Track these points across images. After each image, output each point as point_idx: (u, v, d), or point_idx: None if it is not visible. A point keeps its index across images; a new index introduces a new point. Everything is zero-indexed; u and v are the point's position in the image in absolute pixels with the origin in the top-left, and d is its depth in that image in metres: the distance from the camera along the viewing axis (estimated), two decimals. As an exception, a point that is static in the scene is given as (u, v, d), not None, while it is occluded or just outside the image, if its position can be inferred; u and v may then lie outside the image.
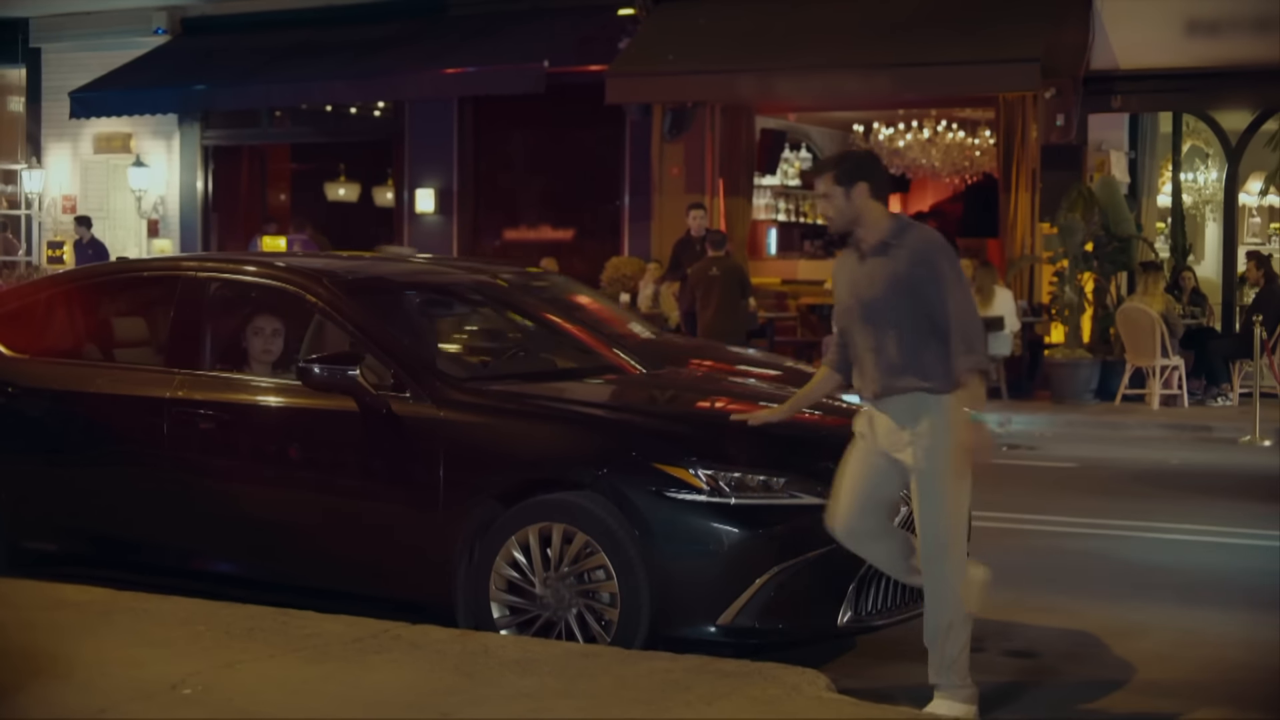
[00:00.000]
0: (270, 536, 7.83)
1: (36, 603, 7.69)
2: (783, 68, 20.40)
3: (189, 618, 7.36)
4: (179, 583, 7.99)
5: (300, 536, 7.75)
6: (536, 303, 9.88)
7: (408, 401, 7.48)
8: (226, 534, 7.97)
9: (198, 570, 8.07)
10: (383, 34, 22.97)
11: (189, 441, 8.02)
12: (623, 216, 22.67)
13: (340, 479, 7.70)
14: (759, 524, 6.93)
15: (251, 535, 7.88)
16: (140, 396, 8.20)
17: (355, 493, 7.65)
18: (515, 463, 7.30)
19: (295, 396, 7.80)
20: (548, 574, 7.08)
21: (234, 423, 8.00)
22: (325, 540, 7.68)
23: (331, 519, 7.66)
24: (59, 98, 25.19)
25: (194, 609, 7.53)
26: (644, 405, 8.09)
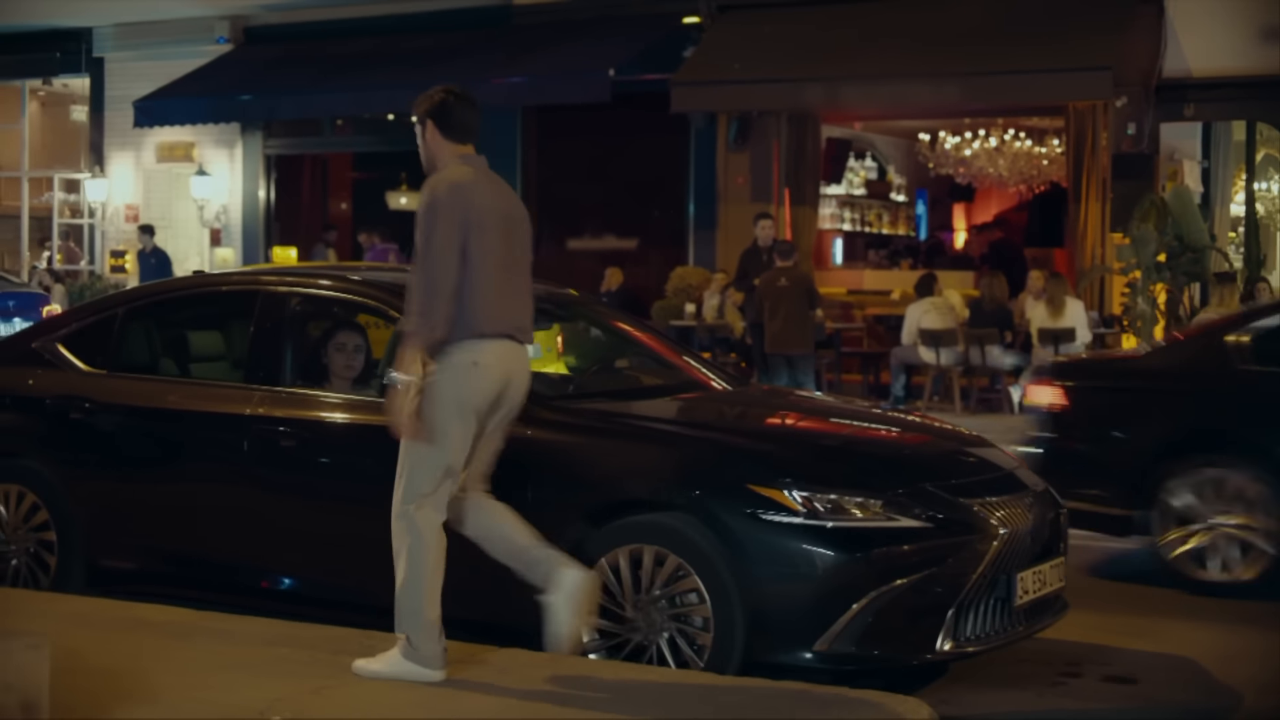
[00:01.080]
0: (350, 556, 7.68)
1: (116, 623, 7.58)
2: (849, 76, 20.21)
3: (272, 639, 7.24)
4: (258, 602, 7.87)
5: (382, 556, 7.56)
6: (615, 315, 9.72)
7: (495, 420, 7.33)
8: (306, 553, 7.85)
9: (277, 590, 7.94)
10: (447, 43, 22.86)
11: (268, 459, 7.90)
12: (687, 226, 22.49)
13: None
14: (855, 547, 6.74)
15: (331, 554, 7.76)
16: (219, 413, 8.08)
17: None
18: (605, 483, 7.13)
19: (376, 414, 7.64)
20: (638, 597, 6.92)
21: (313, 440, 7.88)
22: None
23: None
24: (122, 107, 25.19)
25: (277, 630, 7.41)
26: (736, 424, 7.93)
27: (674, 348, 9.20)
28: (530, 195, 23.54)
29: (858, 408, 9.11)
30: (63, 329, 8.83)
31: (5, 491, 8.52)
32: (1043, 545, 7.37)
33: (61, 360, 8.67)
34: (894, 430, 8.21)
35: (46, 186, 28.54)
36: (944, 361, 18.51)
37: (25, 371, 8.75)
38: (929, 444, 7.96)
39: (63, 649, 6.82)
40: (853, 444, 7.76)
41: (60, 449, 8.42)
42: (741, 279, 19.01)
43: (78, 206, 28.12)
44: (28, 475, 8.49)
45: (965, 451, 7.86)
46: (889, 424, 8.39)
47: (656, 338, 9.34)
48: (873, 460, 7.41)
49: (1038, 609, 7.36)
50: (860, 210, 25.96)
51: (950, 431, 8.53)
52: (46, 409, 8.57)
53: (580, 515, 7.09)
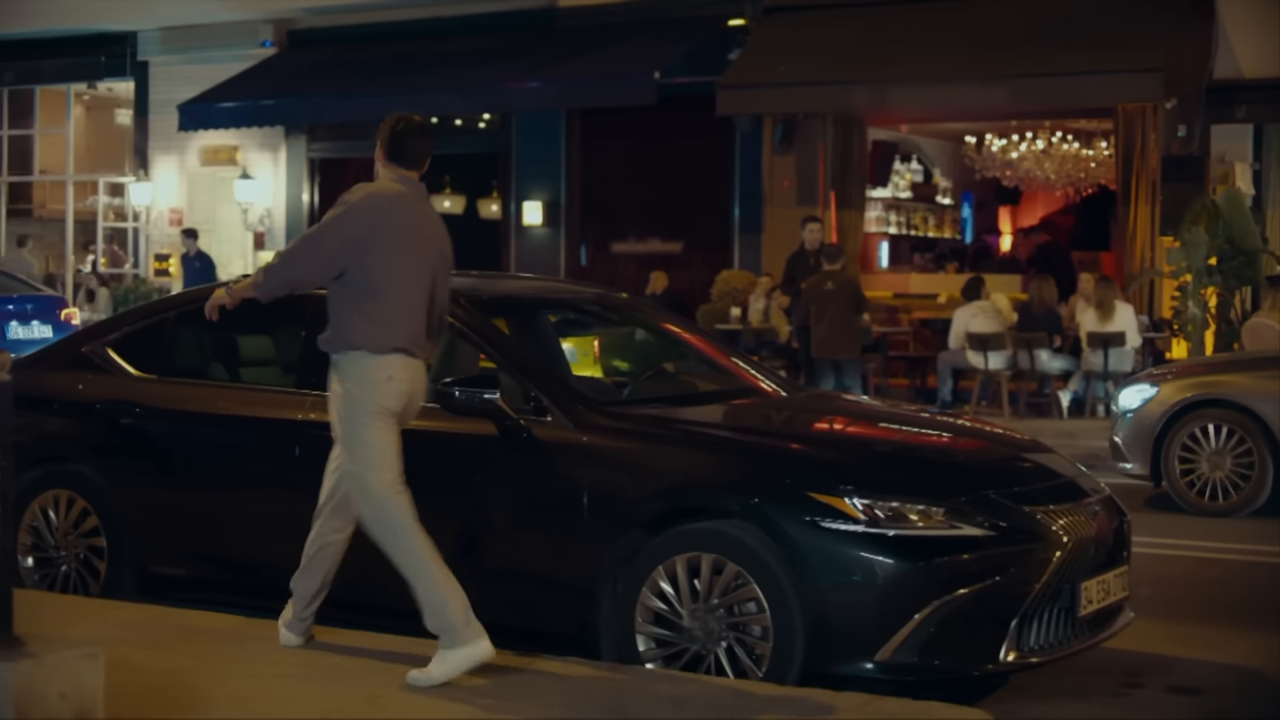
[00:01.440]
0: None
1: (167, 630, 7.52)
2: (896, 78, 20.10)
3: (327, 647, 7.16)
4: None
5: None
6: (667, 318, 9.62)
7: (549, 426, 7.24)
8: (359, 561, 7.74)
9: (330, 598, 7.84)
10: (490, 46, 22.81)
11: (321, 465, 7.79)
12: (732, 229, 22.39)
13: (477, 505, 7.44)
14: (918, 556, 6.63)
15: (384, 562, 7.63)
16: (270, 418, 8.00)
17: (492, 520, 7.40)
18: (662, 490, 7.03)
19: (430, 420, 7.56)
20: (696, 606, 6.81)
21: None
22: (461, 569, 7.42)
23: (467, 547, 7.41)
24: (166, 111, 25.21)
25: (331, 637, 7.33)
26: (794, 430, 7.82)
27: (726, 351, 9.10)
28: (574, 198, 23.52)
29: (911, 412, 9.01)
30: (112, 333, 8.76)
31: (55, 497, 8.47)
32: (1106, 554, 7.25)
33: (111, 365, 8.61)
34: (950, 436, 8.10)
35: (91, 190, 28.59)
36: (992, 366, 18.37)
37: (75, 376, 8.69)
38: (987, 449, 7.85)
39: (114, 657, 6.74)
40: (912, 450, 7.66)
41: (110, 454, 8.36)
42: (788, 283, 18.90)
43: (122, 210, 28.18)
44: (78, 480, 8.44)
45: (1023, 457, 7.74)
46: (943, 429, 8.27)
47: (708, 341, 9.25)
48: (934, 467, 7.30)
49: (1101, 618, 7.24)
50: (906, 213, 25.82)
51: (1004, 436, 8.41)
52: (96, 414, 8.51)
53: (636, 523, 6.99)
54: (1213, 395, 13.10)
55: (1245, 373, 13.32)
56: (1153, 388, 13.39)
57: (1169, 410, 13.13)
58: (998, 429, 8.77)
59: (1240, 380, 13.15)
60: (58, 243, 28.87)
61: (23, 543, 8.52)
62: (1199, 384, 13.28)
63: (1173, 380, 13.44)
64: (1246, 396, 12.93)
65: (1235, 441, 12.86)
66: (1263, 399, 12.84)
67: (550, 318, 8.97)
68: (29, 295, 19.55)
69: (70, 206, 28.64)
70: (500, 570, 7.31)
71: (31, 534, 8.52)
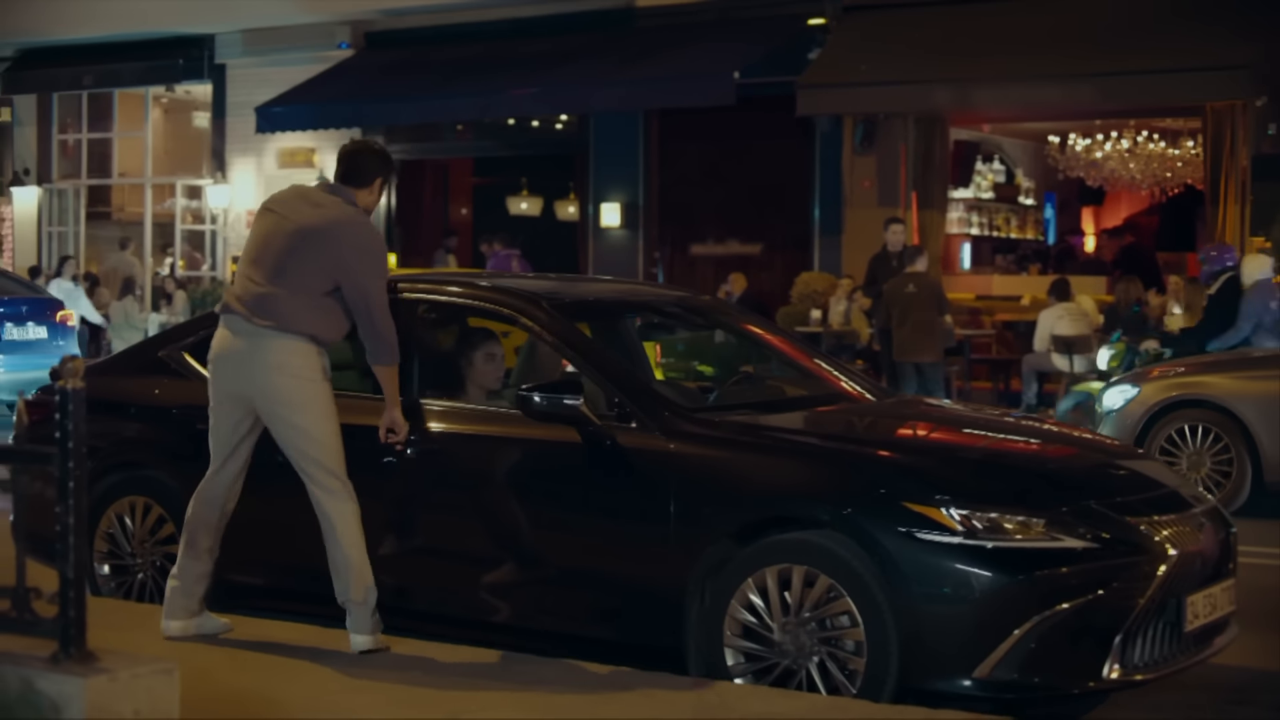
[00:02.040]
0: (483, 575, 7.41)
1: (244, 641, 7.37)
2: (979, 77, 19.80)
3: (403, 661, 7.00)
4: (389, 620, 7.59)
5: (516, 575, 7.32)
6: (752, 321, 9.40)
7: (635, 433, 7.04)
8: (438, 571, 7.57)
9: (407, 609, 7.67)
10: (568, 46, 22.65)
11: (400, 472, 7.64)
12: (812, 231, 22.13)
13: (559, 514, 7.25)
14: (1017, 569, 6.39)
15: (463, 573, 7.45)
16: (352, 425, 7.81)
17: (575, 530, 7.20)
18: (752, 499, 6.82)
19: (511, 426, 7.39)
20: (787, 619, 6.60)
21: (445, 454, 7.59)
22: (543, 579, 7.25)
23: (549, 557, 7.24)
24: (244, 113, 25.19)
25: (410, 649, 7.18)
26: (887, 437, 7.58)
27: (813, 355, 8.86)
28: (652, 200, 23.33)
29: (998, 417, 8.77)
30: (189, 337, 8.61)
31: (131, 504, 8.35)
32: (1213, 566, 6.99)
33: (187, 369, 8.45)
34: (1041, 442, 7.84)
35: (169, 193, 28.64)
36: (1078, 368, 18.03)
37: (151, 381, 8.56)
38: (1082, 456, 7.61)
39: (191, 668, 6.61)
40: (1007, 458, 7.41)
41: (186, 460, 8.16)
42: (870, 284, 18.65)
43: (200, 213, 28.21)
44: (154, 487, 8.30)
45: (1120, 464, 7.50)
46: (1033, 435, 8.02)
47: (794, 344, 9.02)
48: (1031, 475, 7.06)
49: (1207, 634, 6.97)
50: (988, 214, 25.49)
51: (1095, 441, 8.20)
52: (173, 419, 8.37)
53: (725, 533, 6.78)
54: (1193, 396, 13.30)
55: (1226, 374, 13.50)
56: (1134, 388, 13.59)
57: (1150, 410, 13.30)
58: (1086, 434, 8.55)
59: (1220, 381, 13.33)
60: (136, 246, 28.91)
61: (99, 550, 8.42)
62: (1180, 384, 13.46)
63: (1154, 380, 13.63)
64: (1226, 397, 13.12)
65: (1213, 441, 13.01)
66: (1242, 400, 13.03)
67: (633, 321, 8.78)
68: (23, 297, 19.72)
69: (148, 209, 28.69)
70: (583, 581, 7.12)
71: (107, 541, 8.40)
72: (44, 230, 29.64)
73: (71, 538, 5.10)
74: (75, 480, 5.10)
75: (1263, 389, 13.05)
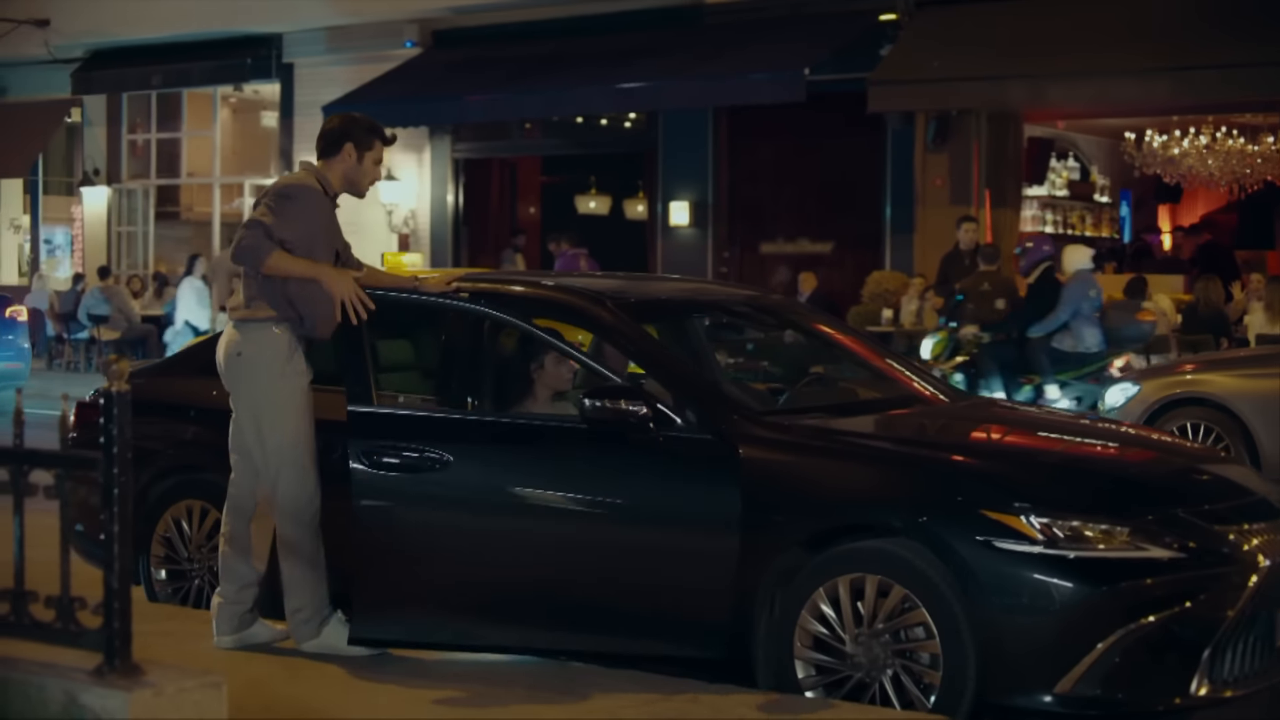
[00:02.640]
0: (541, 586, 7.04)
1: (300, 651, 7.18)
2: (1053, 73, 19.47)
3: (464, 674, 6.82)
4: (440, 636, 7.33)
5: (577, 586, 6.98)
6: (823, 321, 9.13)
7: (701, 437, 6.79)
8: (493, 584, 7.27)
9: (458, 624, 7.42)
10: (636, 43, 22.44)
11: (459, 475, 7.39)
12: (884, 229, 21.83)
13: (623, 523, 6.93)
14: (1101, 580, 6.13)
15: (519, 585, 7.15)
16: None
17: (639, 538, 6.87)
18: (823, 506, 6.58)
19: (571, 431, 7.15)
20: (859, 630, 6.36)
21: (502, 458, 7.30)
22: (606, 589, 6.97)
23: (612, 566, 6.92)
24: (311, 112, 25.08)
25: (469, 664, 6.97)
26: (963, 442, 7.31)
27: (885, 355, 8.59)
28: (721, 198, 23.11)
29: (1075, 420, 8.49)
30: (247, 338, 8.43)
31: (188, 507, 8.19)
32: (1307, 577, 6.69)
33: (246, 370, 8.28)
34: (1121, 446, 7.58)
35: (237, 192, 28.62)
36: (1156, 369, 17.69)
37: (208, 382, 8.35)
38: (1164, 461, 7.35)
39: (244, 678, 6.46)
40: (1091, 463, 7.14)
41: (243, 464, 8.03)
42: (942, 283, 18.36)
43: (268, 212, 28.09)
44: (211, 491, 8.10)
45: (1204, 469, 7.22)
46: (1112, 438, 7.75)
47: (866, 345, 8.74)
48: (1114, 482, 6.78)
49: (1300, 649, 6.70)
50: (1063, 212, 25.10)
51: (1177, 445, 7.94)
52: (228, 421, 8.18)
53: (796, 540, 6.54)
54: (1193, 394, 13.44)
55: (1225, 371, 13.66)
56: (1135, 386, 13.75)
57: (1149, 408, 13.43)
58: (1166, 437, 8.28)
59: (1220, 379, 13.48)
60: (205, 245, 28.91)
61: (155, 555, 8.27)
62: (1180, 382, 13.62)
63: (1155, 378, 13.81)
64: (1225, 395, 13.25)
65: (1213, 439, 13.11)
66: (1241, 398, 13.17)
67: (701, 321, 8.54)
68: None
69: (217, 209, 28.68)
70: (649, 591, 6.85)
71: (164, 545, 8.25)
72: (113, 230, 29.71)
73: (117, 546, 4.92)
74: (121, 487, 4.91)
75: (1262, 387, 13.18)
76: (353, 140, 7.41)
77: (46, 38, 27.93)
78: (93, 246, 29.69)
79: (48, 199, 31.89)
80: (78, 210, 30.26)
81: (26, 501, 5.12)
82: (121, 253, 29.66)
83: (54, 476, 5.05)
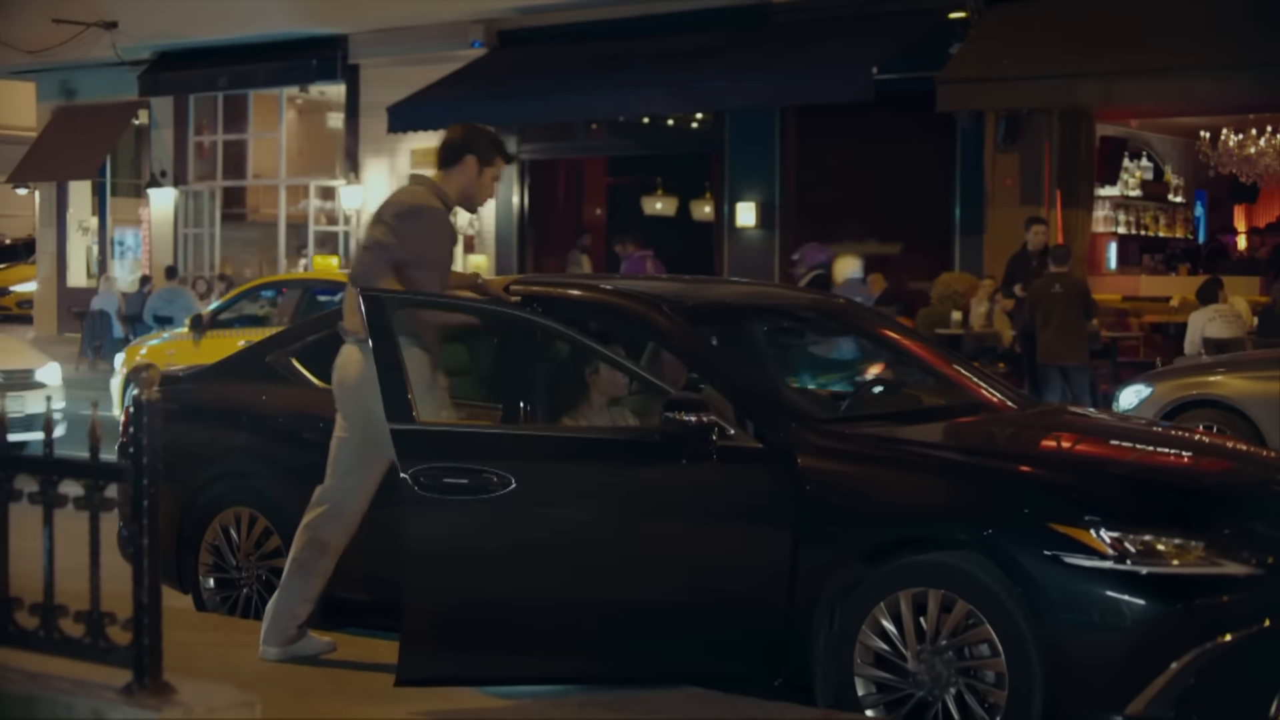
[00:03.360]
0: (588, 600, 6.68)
1: (348, 661, 7.01)
2: (1126, 71, 19.10)
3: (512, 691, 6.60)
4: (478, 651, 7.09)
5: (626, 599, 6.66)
6: (887, 325, 8.89)
7: (760, 446, 6.56)
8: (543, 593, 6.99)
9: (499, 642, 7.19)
10: (702, 43, 22.23)
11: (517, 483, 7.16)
12: (953, 230, 21.53)
13: (676, 534, 6.64)
14: (1175, 597, 5.87)
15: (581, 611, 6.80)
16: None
17: (693, 549, 6.60)
18: (884, 518, 6.34)
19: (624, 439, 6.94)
20: (922, 647, 6.12)
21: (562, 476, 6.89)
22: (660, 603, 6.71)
23: (666, 580, 6.62)
24: (377, 113, 25.03)
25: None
26: (1030, 451, 7.04)
27: (952, 361, 8.33)
28: (788, 199, 22.88)
29: (1146, 427, 8.20)
30: (296, 342, 8.28)
31: (236, 514, 8.02)
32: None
33: (295, 375, 8.13)
34: (1197, 455, 7.31)
35: (303, 194, 28.60)
36: (1232, 373, 17.33)
37: (258, 387, 8.23)
38: (1240, 470, 7.08)
39: (288, 690, 6.30)
40: (1164, 473, 6.88)
41: (292, 470, 7.82)
42: (1008, 285, 18.07)
43: (333, 214, 28.14)
44: (259, 498, 7.96)
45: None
46: (1186, 447, 7.48)
47: (932, 350, 8.49)
48: (1191, 493, 6.51)
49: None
50: (1135, 212, 24.74)
51: (1253, 454, 7.63)
52: (279, 427, 8.05)
53: (856, 553, 6.31)
54: (1204, 395, 13.46)
55: (1237, 373, 13.64)
56: (1148, 387, 13.76)
57: (1161, 410, 13.42)
58: (1242, 445, 7.99)
59: (1232, 381, 13.49)
60: (271, 247, 28.91)
61: (204, 563, 8.13)
62: (1192, 384, 13.64)
63: (1167, 380, 13.81)
64: (1236, 397, 13.24)
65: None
66: (1252, 400, 13.17)
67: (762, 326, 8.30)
68: None
69: (283, 211, 28.67)
70: (704, 604, 6.61)
71: (212, 553, 8.10)
72: (180, 232, 29.75)
73: (146, 560, 4.75)
74: (150, 499, 4.74)
75: (1273, 389, 13.15)
76: (475, 153, 7.17)
77: (114, 40, 28.01)
78: (159, 248, 29.75)
79: (116, 201, 31.98)
80: (145, 212, 30.33)
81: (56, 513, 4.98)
82: (188, 254, 29.69)
83: (83, 487, 4.90)
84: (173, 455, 8.30)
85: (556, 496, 6.73)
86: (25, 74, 31.77)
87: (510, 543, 6.64)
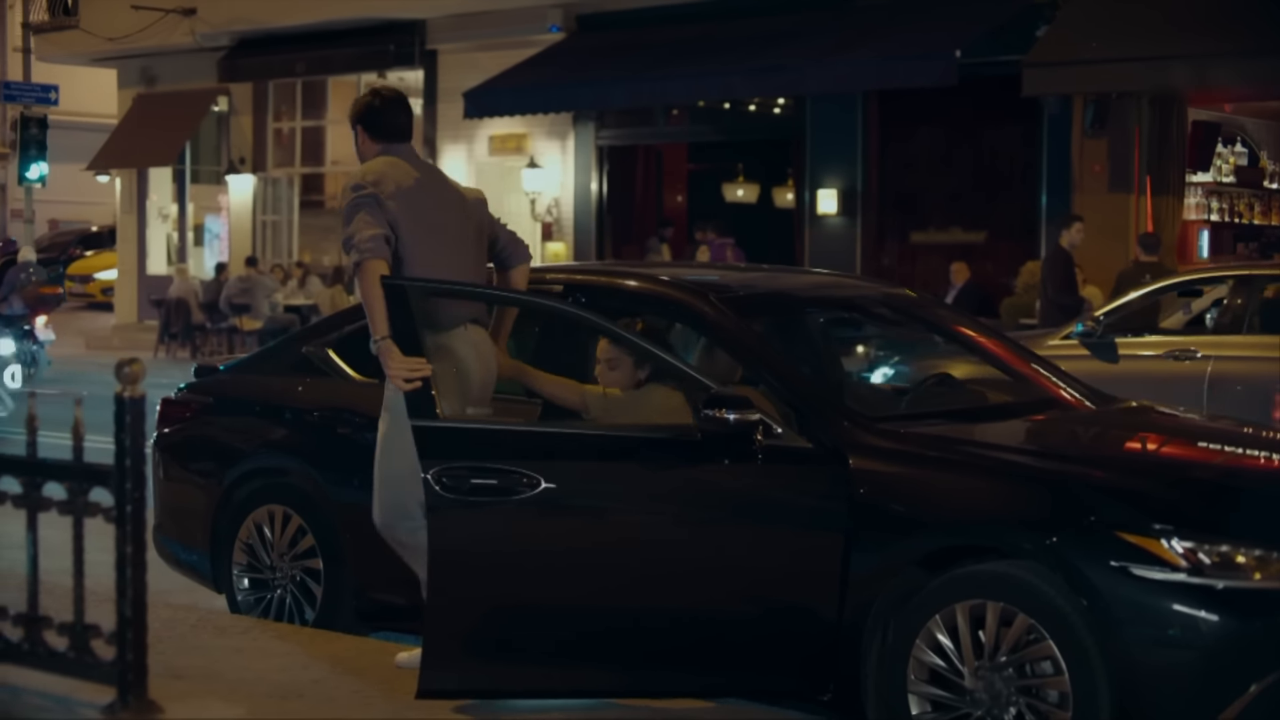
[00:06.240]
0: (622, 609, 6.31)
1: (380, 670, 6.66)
2: (1219, 53, 18.53)
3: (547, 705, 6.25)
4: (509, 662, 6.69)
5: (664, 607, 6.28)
6: (956, 319, 8.44)
7: (810, 446, 6.16)
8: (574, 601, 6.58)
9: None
10: (783, 26, 21.80)
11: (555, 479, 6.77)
12: (1039, 217, 20.99)
13: (721, 539, 6.25)
14: (1255, 613, 5.43)
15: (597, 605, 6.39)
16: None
17: (736, 555, 6.20)
18: (941, 523, 5.92)
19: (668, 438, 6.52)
20: (979, 663, 5.69)
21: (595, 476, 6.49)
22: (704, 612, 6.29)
23: (710, 586, 6.22)
24: (455, 99, 24.78)
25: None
26: (1100, 454, 6.60)
27: (1025, 356, 7.87)
28: (871, 186, 22.42)
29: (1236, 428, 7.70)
30: (333, 333, 7.92)
31: (270, 513, 7.69)
32: None
33: (332, 368, 7.77)
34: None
35: (381, 181, 28.33)
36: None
37: (293, 380, 7.90)
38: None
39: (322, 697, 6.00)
40: (1246, 478, 6.41)
41: (327, 467, 7.51)
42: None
43: (410, 201, 27.85)
44: (294, 495, 7.64)
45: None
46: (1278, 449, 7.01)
47: (1004, 345, 8.02)
48: (1274, 501, 6.04)
49: None
50: (1229, 199, 24.04)
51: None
52: (314, 422, 7.71)
53: (911, 560, 5.90)
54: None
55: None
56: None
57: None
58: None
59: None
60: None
61: (237, 563, 7.81)
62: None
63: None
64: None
65: None
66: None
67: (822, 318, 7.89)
68: None
69: (361, 198, 28.40)
70: (747, 614, 6.20)
71: (246, 553, 7.77)
72: (258, 219, 29.62)
73: (129, 570, 4.42)
74: (134, 503, 4.41)
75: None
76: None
77: (193, 26, 27.97)
78: (239, 236, 29.65)
79: (196, 188, 31.89)
80: (224, 199, 30.23)
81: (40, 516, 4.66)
82: (267, 242, 29.55)
83: (66, 490, 4.58)
84: (206, 449, 8.14)
85: (589, 498, 6.36)
86: (106, 61, 31.75)
87: (539, 547, 6.27)
